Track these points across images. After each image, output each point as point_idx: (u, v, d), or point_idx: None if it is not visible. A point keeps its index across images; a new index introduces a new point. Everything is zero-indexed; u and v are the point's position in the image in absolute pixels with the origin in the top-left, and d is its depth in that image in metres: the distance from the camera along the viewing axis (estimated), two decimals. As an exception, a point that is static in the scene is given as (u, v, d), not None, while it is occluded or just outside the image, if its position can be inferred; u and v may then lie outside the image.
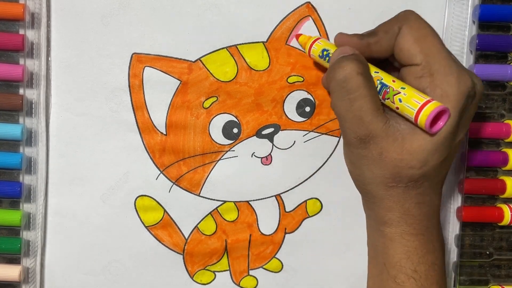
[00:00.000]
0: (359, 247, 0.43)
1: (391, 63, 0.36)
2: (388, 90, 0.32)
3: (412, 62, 0.32)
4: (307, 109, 0.41)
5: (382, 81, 0.33)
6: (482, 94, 0.33)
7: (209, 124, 0.41)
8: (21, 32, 0.39)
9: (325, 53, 0.37)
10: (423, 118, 0.30)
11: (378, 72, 0.33)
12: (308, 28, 0.40)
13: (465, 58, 0.41)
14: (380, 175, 0.32)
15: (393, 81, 0.32)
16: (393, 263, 0.33)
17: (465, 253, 0.43)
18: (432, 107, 0.30)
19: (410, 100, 0.31)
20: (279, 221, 0.43)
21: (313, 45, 0.38)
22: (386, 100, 0.33)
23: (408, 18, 0.33)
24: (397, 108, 0.32)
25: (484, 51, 0.41)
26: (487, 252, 0.43)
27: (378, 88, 0.33)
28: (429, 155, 0.31)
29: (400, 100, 0.31)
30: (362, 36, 0.35)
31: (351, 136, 0.32)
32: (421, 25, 0.33)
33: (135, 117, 0.40)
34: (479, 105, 0.42)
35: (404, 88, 0.31)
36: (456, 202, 0.42)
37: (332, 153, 0.42)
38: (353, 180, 0.35)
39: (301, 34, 0.40)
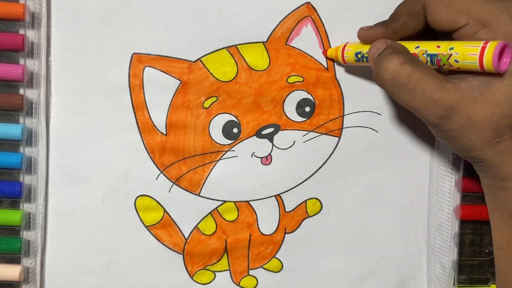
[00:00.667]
0: (359, 247, 0.43)
1: (429, 32, 0.34)
2: (439, 58, 0.31)
3: (460, 25, 0.31)
4: (307, 109, 0.41)
5: (428, 52, 0.32)
6: None
7: (209, 124, 0.41)
8: (21, 32, 0.39)
9: (359, 56, 0.36)
10: (489, 64, 0.29)
11: (419, 47, 0.32)
12: (308, 28, 0.40)
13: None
14: (479, 138, 0.31)
15: (438, 46, 0.31)
16: None
17: (464, 251, 0.43)
18: (491, 50, 0.29)
19: (465, 56, 0.30)
20: (279, 221, 0.43)
21: (344, 54, 0.38)
22: (443, 67, 0.31)
23: None
24: (458, 68, 0.31)
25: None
26: (486, 251, 0.43)
27: (428, 62, 0.32)
28: None
29: (457, 61, 0.30)
30: (385, 24, 0.34)
31: (432, 118, 0.31)
32: None
33: (135, 117, 0.41)
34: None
35: (452, 48, 0.30)
36: (455, 200, 0.42)
37: (332, 153, 0.42)
38: (455, 153, 0.34)
39: (326, 50, 0.40)
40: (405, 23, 0.33)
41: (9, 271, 0.39)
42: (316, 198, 0.43)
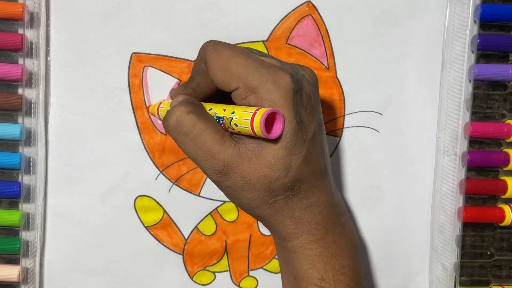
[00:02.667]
0: (360, 247, 0.43)
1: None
2: (224, 121, 0.32)
3: (233, 88, 0.31)
4: (308, 109, 0.41)
5: (217, 114, 0.32)
6: (315, 79, 0.33)
7: (209, 124, 0.41)
8: (20, 31, 0.39)
9: None
10: (258, 130, 0.29)
11: (211, 108, 0.33)
12: (308, 27, 0.40)
13: (466, 57, 0.41)
14: (256, 197, 0.31)
15: (224, 110, 0.32)
16: (301, 275, 0.33)
17: (466, 253, 0.42)
18: (259, 116, 0.29)
19: (241, 120, 0.30)
20: (279, 221, 0.43)
21: (159, 111, 0.37)
22: (229, 130, 0.32)
23: (206, 51, 0.32)
24: (239, 132, 0.31)
25: (485, 51, 0.41)
26: (488, 253, 0.43)
27: (219, 122, 0.33)
28: (286, 160, 0.30)
29: (236, 125, 0.31)
30: (186, 84, 0.35)
31: (211, 172, 0.32)
32: (218, 52, 0.32)
33: (134, 117, 0.40)
34: (480, 105, 0.42)
35: (234, 112, 0.31)
36: (457, 202, 0.42)
37: (332, 153, 0.42)
38: (241, 209, 0.34)
39: (149, 106, 0.40)
40: (199, 83, 0.34)
41: (8, 272, 0.39)
42: (317, 199, 0.42)
